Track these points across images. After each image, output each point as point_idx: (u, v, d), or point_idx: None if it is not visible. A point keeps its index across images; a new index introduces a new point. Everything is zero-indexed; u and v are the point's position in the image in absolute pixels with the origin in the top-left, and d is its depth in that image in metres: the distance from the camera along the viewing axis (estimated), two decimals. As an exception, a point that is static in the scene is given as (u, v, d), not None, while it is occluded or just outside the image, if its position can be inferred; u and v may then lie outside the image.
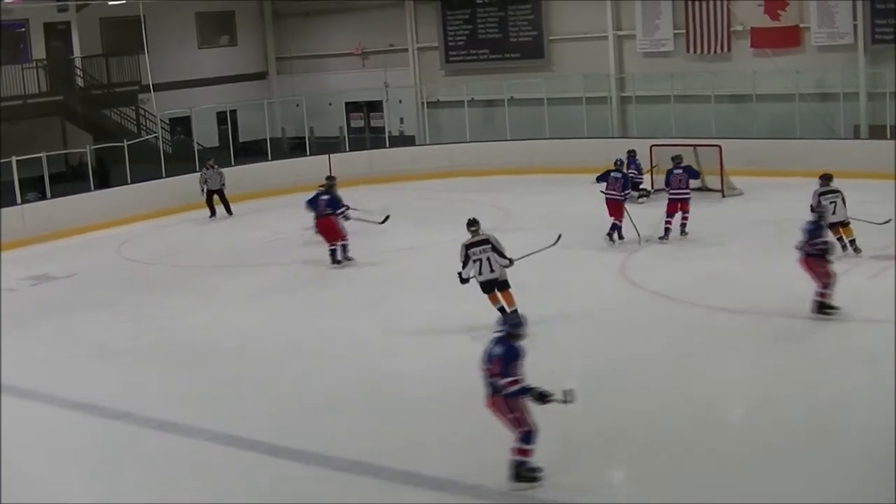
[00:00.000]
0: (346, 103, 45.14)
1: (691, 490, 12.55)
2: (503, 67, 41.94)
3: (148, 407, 16.64)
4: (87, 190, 34.28)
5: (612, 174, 26.29)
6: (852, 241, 23.12)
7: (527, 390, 12.83)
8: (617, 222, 25.65)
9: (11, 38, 39.28)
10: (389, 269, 24.98)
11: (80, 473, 14.62)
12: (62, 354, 20.15)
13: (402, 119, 44.31)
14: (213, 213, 34.59)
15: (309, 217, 26.51)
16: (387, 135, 43.02)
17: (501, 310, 19.15)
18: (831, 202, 22.48)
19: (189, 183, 35.92)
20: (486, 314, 19.84)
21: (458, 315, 20.44)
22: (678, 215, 25.98)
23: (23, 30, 39.77)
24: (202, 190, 34.48)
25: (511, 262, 19.50)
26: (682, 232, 25.98)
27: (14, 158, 31.61)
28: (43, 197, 33.11)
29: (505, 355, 12.97)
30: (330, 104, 44.85)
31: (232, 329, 20.94)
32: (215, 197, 34.46)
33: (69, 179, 36.07)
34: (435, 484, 13.19)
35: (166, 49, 42.62)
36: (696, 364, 16.95)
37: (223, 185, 34.59)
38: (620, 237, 25.59)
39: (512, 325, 13.37)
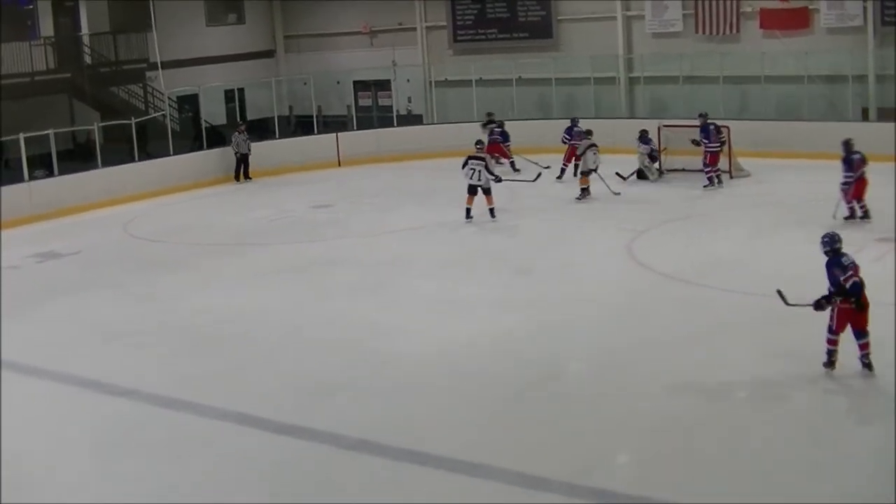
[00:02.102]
0: (354, 82, 45.12)
1: (694, 479, 12.54)
2: (511, 47, 41.86)
3: (154, 385, 16.68)
4: (95, 167, 34.23)
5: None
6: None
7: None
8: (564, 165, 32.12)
9: (20, 15, 39.27)
10: (395, 249, 24.94)
11: (85, 451, 14.63)
12: (67, 332, 20.17)
13: (409, 98, 44.26)
14: (237, 177, 36.11)
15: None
16: (394, 114, 43.00)
17: (466, 211, 27.05)
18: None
19: (196, 160, 36.01)
20: (488, 295, 19.96)
21: (460, 297, 20.48)
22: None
23: (31, 7, 39.75)
24: (235, 154, 36.02)
25: (498, 178, 27.55)
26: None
27: (22, 135, 31.60)
28: (50, 174, 33.08)
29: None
30: (338, 83, 44.82)
31: (237, 308, 20.93)
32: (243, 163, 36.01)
33: (77, 157, 36.05)
34: (440, 463, 13.20)
35: (174, 27, 42.55)
36: (700, 348, 16.92)
37: (249, 150, 36.01)
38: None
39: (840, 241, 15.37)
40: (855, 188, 25.05)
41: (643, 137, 31.54)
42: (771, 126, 34.58)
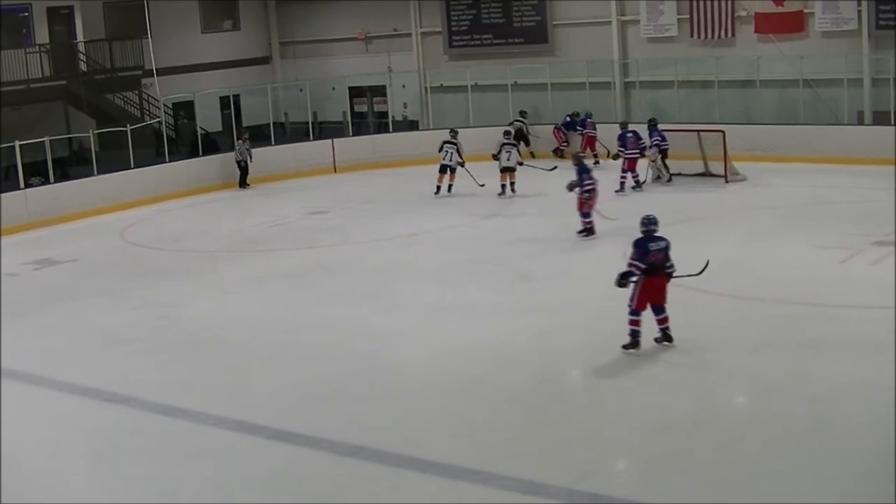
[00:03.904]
0: (350, 88, 45.10)
1: (690, 482, 12.52)
2: (507, 52, 41.86)
3: (152, 392, 16.64)
4: (91, 174, 34.25)
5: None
6: None
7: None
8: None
9: (14, 23, 39.28)
10: (392, 256, 24.93)
11: (84, 458, 14.62)
12: (65, 339, 20.15)
13: (405, 104, 44.25)
14: (241, 185, 36.38)
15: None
16: (390, 119, 43.05)
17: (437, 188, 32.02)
18: None
19: (192, 167, 36.06)
20: (485, 300, 20.00)
21: (459, 302, 20.49)
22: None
23: (26, 14, 39.74)
24: (238, 163, 36.32)
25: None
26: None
27: (17, 143, 31.63)
28: (46, 181, 33.09)
29: (667, 247, 16.48)
30: (333, 89, 44.82)
31: (235, 315, 20.93)
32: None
33: (73, 164, 36.05)
34: (440, 469, 13.18)
35: (169, 33, 42.58)
36: (699, 351, 16.91)
37: (250, 159, 36.25)
38: None
39: (657, 223, 16.69)
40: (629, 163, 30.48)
41: (652, 128, 31.54)
42: (766, 130, 34.62)
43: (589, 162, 33.75)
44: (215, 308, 21.62)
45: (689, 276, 17.30)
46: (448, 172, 32.34)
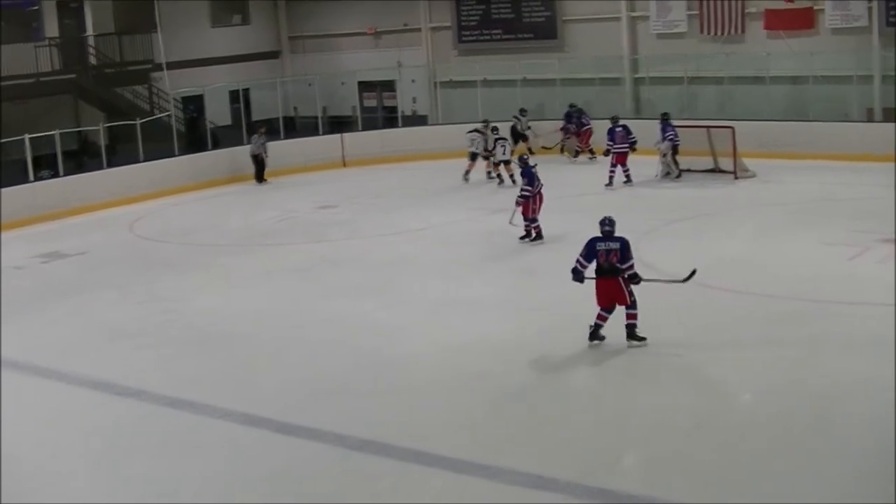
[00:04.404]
0: (359, 83, 45.08)
1: (693, 481, 12.49)
2: (516, 48, 41.80)
3: (158, 385, 16.68)
4: (100, 168, 34.32)
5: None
6: None
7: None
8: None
9: (24, 16, 39.33)
10: (399, 251, 24.93)
11: (89, 451, 14.61)
12: (71, 333, 20.20)
13: (414, 99, 44.23)
14: (258, 179, 36.41)
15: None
16: (399, 114, 43.01)
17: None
18: None
19: (201, 161, 36.09)
20: (492, 296, 20.01)
21: (464, 297, 20.49)
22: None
23: (36, 8, 39.78)
24: (255, 157, 36.33)
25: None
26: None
27: (27, 136, 31.68)
28: (56, 175, 33.15)
29: (620, 249, 16.63)
30: (343, 83, 44.81)
31: (242, 309, 20.94)
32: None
33: (82, 157, 36.09)
34: (446, 463, 13.19)
35: (179, 28, 42.55)
36: (705, 347, 16.90)
37: (266, 154, 36.37)
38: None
39: (612, 224, 16.87)
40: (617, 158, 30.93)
41: (665, 126, 31.52)
42: (776, 126, 34.50)
43: (584, 157, 34.30)
44: (222, 302, 21.64)
45: (673, 282, 17.34)
46: (473, 160, 33.25)
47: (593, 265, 16.92)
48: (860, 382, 15.04)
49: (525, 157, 26.36)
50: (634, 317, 16.83)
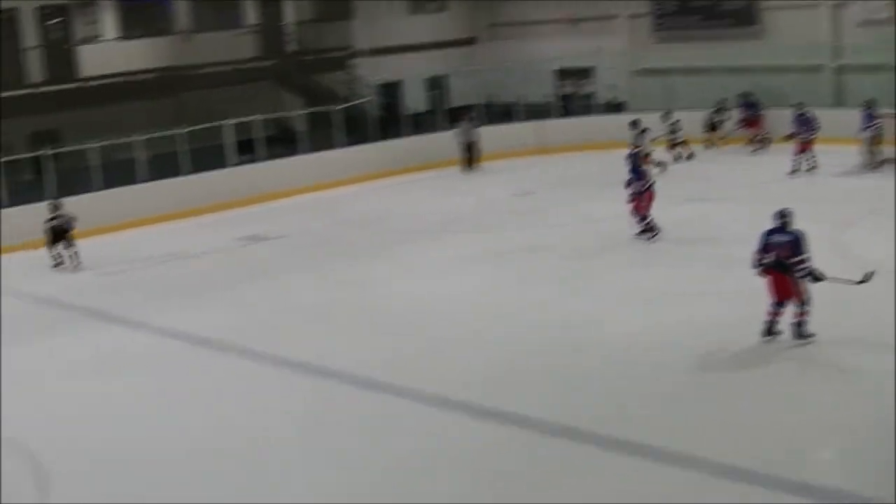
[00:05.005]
0: (557, 70, 44.80)
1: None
2: (715, 35, 41.04)
3: (355, 367, 16.76)
4: (299, 153, 34.75)
5: None
6: None
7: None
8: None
9: (226, 3, 40.01)
10: (597, 238, 24.60)
11: (285, 431, 14.70)
12: (271, 314, 20.48)
13: (612, 86, 43.79)
14: (466, 166, 36.26)
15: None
16: (597, 102, 42.62)
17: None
18: None
19: (398, 147, 36.26)
20: (692, 286, 19.65)
21: (665, 286, 20.25)
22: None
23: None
24: (459, 143, 36.32)
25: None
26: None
27: (229, 122, 32.24)
28: (255, 160, 33.65)
29: (793, 242, 16.05)
30: (539, 71, 44.56)
31: (439, 293, 20.96)
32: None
33: (281, 143, 36.54)
34: (640, 450, 13.01)
35: (377, 15, 42.81)
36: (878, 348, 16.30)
37: (475, 139, 36.34)
38: None
39: (788, 216, 16.27)
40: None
41: (867, 114, 30.72)
42: None
43: (749, 147, 33.75)
44: (419, 286, 21.65)
45: (848, 282, 16.61)
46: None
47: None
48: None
49: (634, 151, 25.79)
50: (805, 314, 16.20)
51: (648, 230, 24.08)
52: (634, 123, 32.38)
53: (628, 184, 24.41)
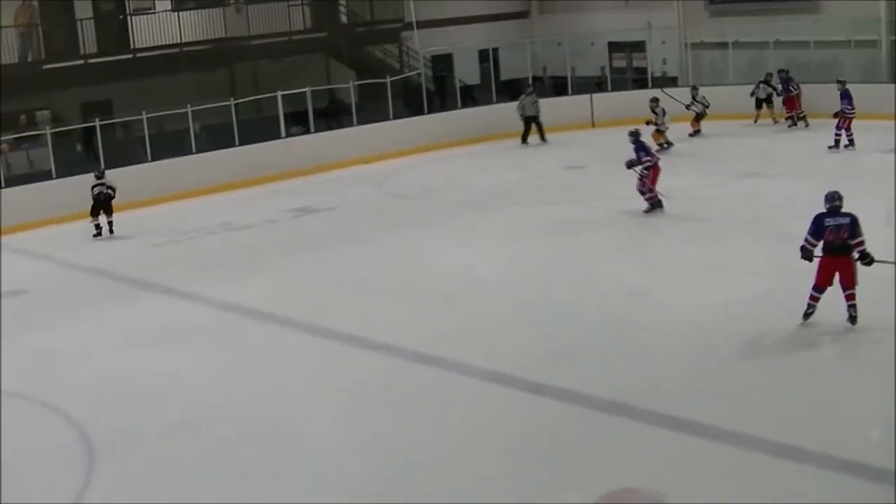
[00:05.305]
0: (609, 43, 44.60)
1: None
2: (769, 9, 40.67)
3: (406, 340, 16.79)
4: (350, 125, 34.80)
5: None
6: None
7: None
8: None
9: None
10: (653, 214, 24.44)
11: (338, 403, 14.75)
12: (323, 285, 20.55)
13: (664, 60, 43.55)
14: (524, 140, 35.87)
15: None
16: (649, 76, 42.38)
17: None
18: None
19: (450, 120, 36.25)
20: (742, 260, 19.50)
21: (717, 261, 20.11)
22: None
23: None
24: (520, 116, 35.90)
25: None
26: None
27: (280, 93, 32.32)
28: (307, 131, 33.76)
29: (850, 224, 15.72)
30: (592, 44, 44.36)
31: (490, 267, 20.95)
32: (532, 125, 35.95)
33: (332, 115, 36.59)
34: (688, 427, 12.99)
35: (429, -13, 42.76)
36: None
37: (538, 112, 35.91)
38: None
39: (840, 199, 15.91)
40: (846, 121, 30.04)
41: None
42: None
43: (784, 123, 33.82)
44: (470, 260, 21.62)
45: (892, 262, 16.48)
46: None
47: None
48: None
49: (636, 129, 25.63)
50: (855, 297, 15.94)
51: (657, 205, 24.24)
52: (655, 101, 32.27)
53: (629, 165, 24.60)
